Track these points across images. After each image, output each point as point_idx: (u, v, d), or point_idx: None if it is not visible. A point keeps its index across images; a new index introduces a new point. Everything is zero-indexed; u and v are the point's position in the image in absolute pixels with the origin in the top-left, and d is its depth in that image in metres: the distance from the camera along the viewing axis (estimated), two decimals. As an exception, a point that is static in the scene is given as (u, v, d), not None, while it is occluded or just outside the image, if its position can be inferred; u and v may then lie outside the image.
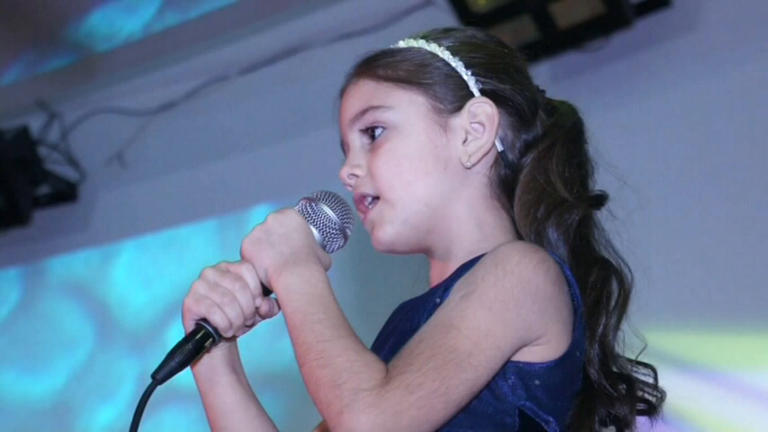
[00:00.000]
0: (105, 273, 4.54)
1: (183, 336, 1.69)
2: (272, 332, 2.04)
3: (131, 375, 4.37)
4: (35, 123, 4.57)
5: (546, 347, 1.63)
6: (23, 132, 4.51)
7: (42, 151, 4.57)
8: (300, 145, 4.12)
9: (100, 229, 4.55)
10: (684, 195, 3.53)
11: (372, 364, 1.54)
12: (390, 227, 1.75)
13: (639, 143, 3.52)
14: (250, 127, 4.29)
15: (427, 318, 1.63)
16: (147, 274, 4.46)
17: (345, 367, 1.53)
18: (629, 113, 3.60)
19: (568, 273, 1.69)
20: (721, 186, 3.51)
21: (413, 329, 1.64)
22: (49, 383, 4.56)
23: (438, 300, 1.65)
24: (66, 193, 4.61)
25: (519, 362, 1.62)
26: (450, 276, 1.69)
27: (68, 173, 4.60)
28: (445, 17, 3.75)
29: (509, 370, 1.61)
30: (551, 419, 1.64)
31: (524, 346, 1.61)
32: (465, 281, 1.63)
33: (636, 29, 3.68)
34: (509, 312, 1.59)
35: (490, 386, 1.60)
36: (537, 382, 1.63)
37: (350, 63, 1.85)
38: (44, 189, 4.62)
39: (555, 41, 3.70)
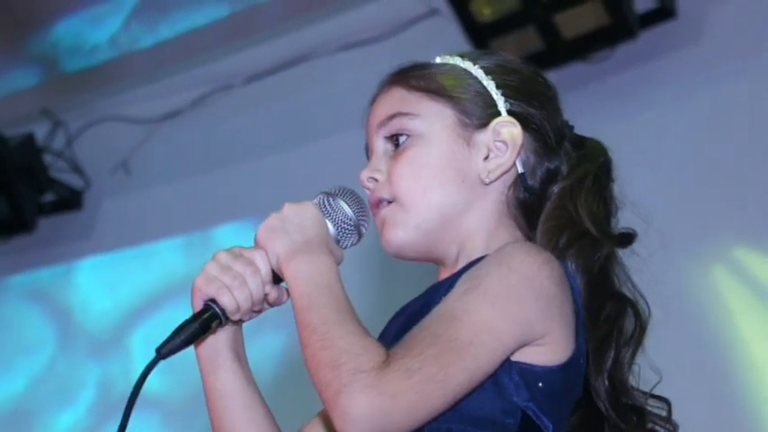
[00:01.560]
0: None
1: (188, 316, 1.71)
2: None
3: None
4: (40, 131, 4.57)
5: (549, 349, 1.64)
6: (28, 140, 4.52)
7: (47, 159, 4.58)
8: (305, 154, 4.12)
9: (104, 237, 4.56)
10: (689, 205, 3.53)
11: (373, 348, 1.55)
12: (402, 230, 1.77)
13: (644, 154, 3.52)
14: (255, 136, 4.30)
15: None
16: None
17: (347, 349, 1.54)
18: (634, 124, 3.60)
19: (572, 279, 1.70)
20: (725, 194, 3.51)
21: (414, 322, 1.64)
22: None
23: (442, 296, 1.66)
24: (70, 200, 4.62)
25: (523, 362, 1.63)
26: (454, 274, 1.71)
27: (73, 180, 4.61)
28: (450, 27, 3.76)
29: (513, 369, 1.62)
30: (550, 424, 1.65)
31: (527, 343, 1.62)
32: (469, 275, 1.64)
33: (641, 40, 3.68)
34: (511, 307, 1.60)
35: (495, 383, 1.61)
36: (540, 384, 1.63)
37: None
38: (49, 197, 4.63)
39: (560, 52, 3.70)
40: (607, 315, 1.75)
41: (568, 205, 1.77)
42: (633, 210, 1.84)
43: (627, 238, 1.81)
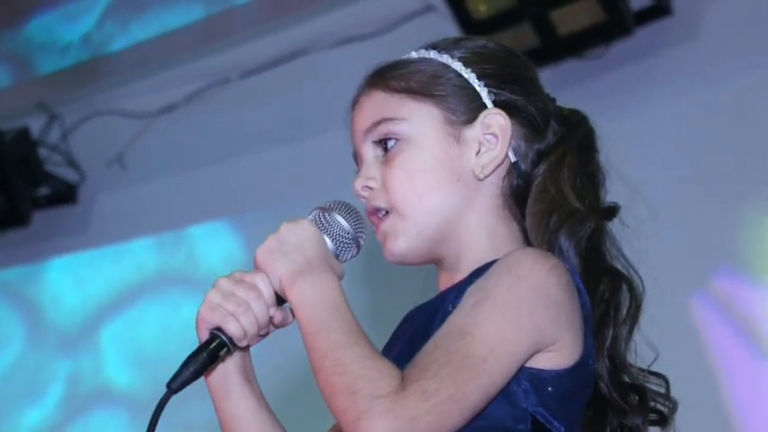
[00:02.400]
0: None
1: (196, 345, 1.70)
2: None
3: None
4: (35, 125, 4.57)
5: (559, 354, 1.64)
6: (24, 133, 4.51)
7: (42, 153, 4.57)
8: (301, 148, 4.12)
9: (99, 231, 4.56)
10: (683, 202, 3.53)
11: (388, 371, 1.54)
12: (403, 239, 1.76)
13: (639, 151, 3.52)
14: (251, 130, 4.30)
15: (439, 324, 1.63)
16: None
17: (361, 374, 1.54)
18: (629, 121, 3.60)
19: (579, 281, 1.70)
20: (719, 193, 3.52)
21: (423, 335, 1.64)
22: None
23: (450, 307, 1.65)
24: (65, 194, 4.61)
25: (532, 368, 1.62)
26: (462, 281, 1.70)
27: (68, 174, 4.60)
28: (446, 23, 3.76)
29: (522, 375, 1.62)
30: (562, 428, 1.65)
31: (538, 351, 1.62)
32: (477, 287, 1.63)
33: (636, 37, 3.68)
34: (523, 318, 1.59)
35: (505, 391, 1.61)
36: (549, 388, 1.63)
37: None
38: (44, 190, 4.62)
39: (555, 49, 3.70)
40: (603, 292, 1.74)
41: (552, 186, 1.75)
42: (622, 180, 1.82)
43: (612, 211, 1.80)
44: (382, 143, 1.78)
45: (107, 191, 4.55)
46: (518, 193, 1.78)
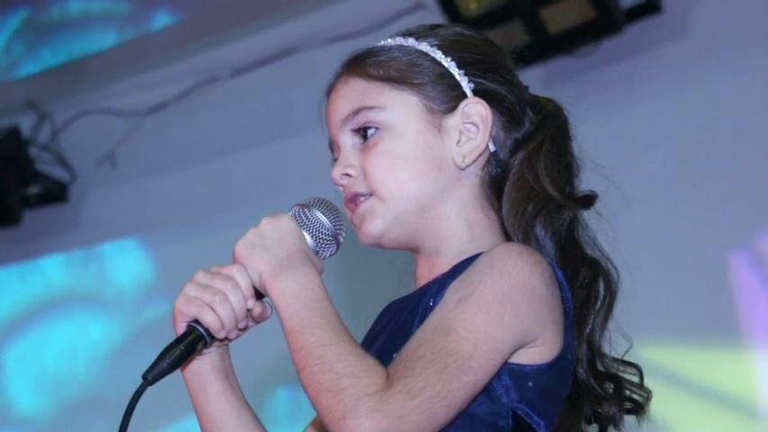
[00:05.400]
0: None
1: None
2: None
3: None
4: (25, 123, 4.56)
5: (540, 350, 1.64)
6: (14, 132, 4.50)
7: (33, 152, 4.56)
8: (292, 147, 4.12)
9: (90, 230, 4.55)
10: (673, 199, 3.54)
11: (373, 369, 1.53)
12: (380, 221, 1.74)
13: (629, 148, 3.53)
14: (241, 129, 4.30)
15: (421, 318, 1.63)
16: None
17: (347, 372, 1.52)
18: (619, 118, 3.60)
19: (560, 275, 1.69)
20: (709, 190, 3.52)
21: (404, 329, 1.64)
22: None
23: (432, 301, 1.65)
24: (56, 193, 4.60)
25: (513, 363, 1.62)
26: (444, 275, 1.69)
27: (59, 173, 4.60)
28: (436, 20, 3.75)
29: (503, 371, 1.61)
30: (542, 422, 1.64)
31: (521, 347, 1.62)
32: (461, 282, 1.62)
33: (626, 34, 3.69)
34: (507, 314, 1.59)
35: (485, 387, 1.60)
36: (530, 383, 1.63)
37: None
38: (34, 189, 4.61)
39: (545, 46, 3.71)
40: (581, 281, 1.73)
41: (529, 174, 1.74)
42: (595, 169, 1.81)
43: (589, 200, 1.79)
44: (361, 131, 1.77)
45: (98, 190, 4.55)
46: (497, 183, 1.77)
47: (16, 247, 4.62)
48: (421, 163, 1.74)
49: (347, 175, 1.77)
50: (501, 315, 1.58)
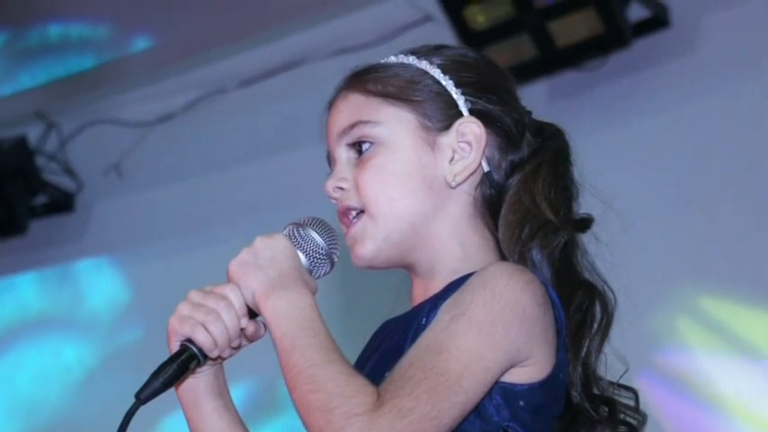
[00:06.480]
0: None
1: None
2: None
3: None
4: (33, 133, 4.57)
5: (531, 369, 1.63)
6: (21, 142, 4.51)
7: (40, 161, 4.57)
8: (297, 158, 4.12)
9: (96, 240, 4.55)
10: (679, 215, 3.53)
11: (363, 389, 1.53)
12: (371, 243, 1.74)
13: (636, 162, 3.53)
14: (247, 140, 4.30)
15: (413, 337, 1.62)
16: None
17: (337, 392, 1.52)
18: (627, 133, 3.60)
19: (553, 294, 1.69)
20: (719, 202, 3.52)
21: (397, 348, 1.64)
22: None
23: (424, 320, 1.65)
24: (63, 203, 4.61)
25: (504, 382, 1.61)
26: (436, 295, 1.69)
27: (65, 183, 4.60)
28: (444, 33, 3.76)
29: (494, 390, 1.61)
30: None
31: (512, 367, 1.61)
32: (453, 302, 1.62)
33: (634, 49, 3.69)
34: (498, 334, 1.58)
35: (476, 407, 1.59)
36: (521, 402, 1.62)
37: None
38: (41, 199, 4.62)
39: (553, 60, 3.71)
40: (578, 304, 1.73)
41: (526, 197, 1.74)
42: (593, 193, 1.81)
43: (586, 223, 1.79)
44: (356, 146, 1.77)
45: (104, 199, 4.55)
46: (491, 203, 1.77)
47: (23, 256, 4.63)
48: (412, 180, 1.74)
49: (340, 188, 1.78)
50: (492, 335, 1.58)
